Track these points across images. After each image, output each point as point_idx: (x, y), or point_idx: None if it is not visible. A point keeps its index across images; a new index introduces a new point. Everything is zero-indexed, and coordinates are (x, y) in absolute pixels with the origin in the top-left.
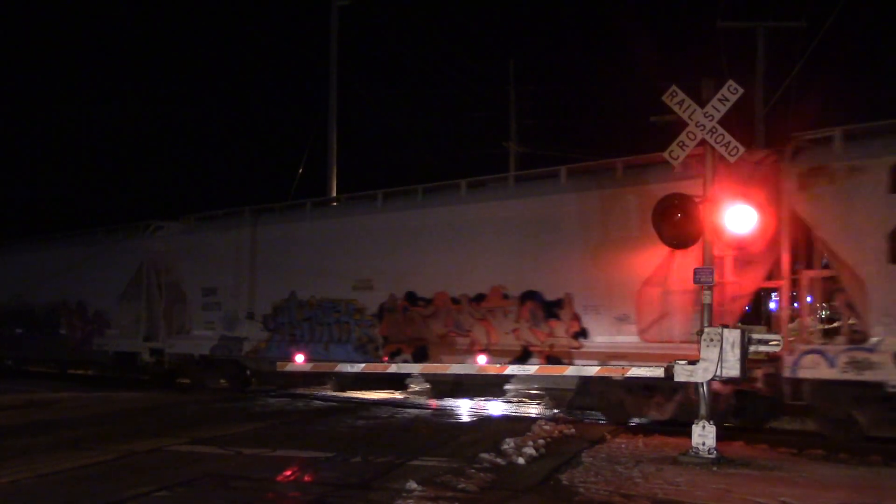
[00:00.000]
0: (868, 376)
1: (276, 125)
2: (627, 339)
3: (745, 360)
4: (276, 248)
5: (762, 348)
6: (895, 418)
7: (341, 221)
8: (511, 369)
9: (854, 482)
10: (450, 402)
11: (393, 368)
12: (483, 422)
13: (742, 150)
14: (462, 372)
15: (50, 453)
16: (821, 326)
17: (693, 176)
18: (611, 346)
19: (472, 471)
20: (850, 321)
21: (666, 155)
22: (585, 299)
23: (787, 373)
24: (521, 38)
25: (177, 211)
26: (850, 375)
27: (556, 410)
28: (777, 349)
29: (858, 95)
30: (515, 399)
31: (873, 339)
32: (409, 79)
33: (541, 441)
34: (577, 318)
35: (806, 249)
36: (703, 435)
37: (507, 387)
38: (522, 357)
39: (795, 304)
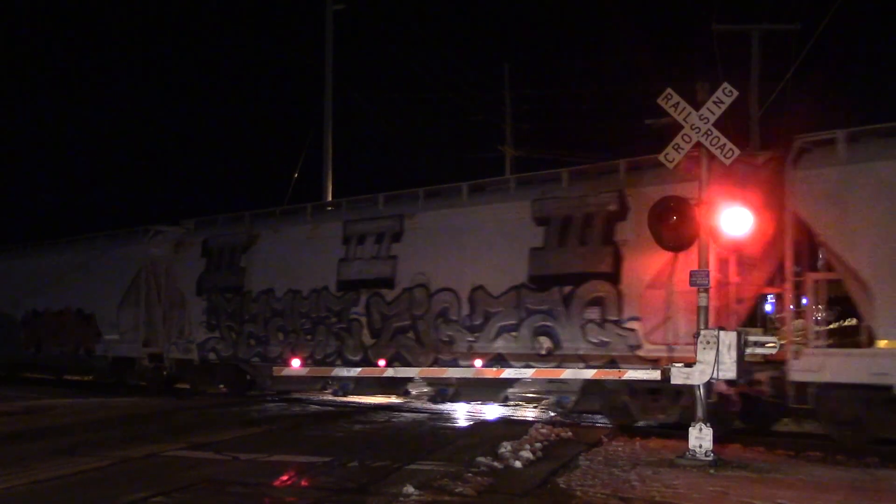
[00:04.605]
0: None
1: (271, 130)
2: (116, 336)
3: (742, 362)
4: None
5: (759, 350)
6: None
7: (11, 263)
8: (508, 373)
9: (852, 484)
10: (447, 407)
11: (390, 372)
12: (480, 426)
13: (737, 152)
14: (460, 375)
15: (46, 459)
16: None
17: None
18: (114, 341)
19: (470, 475)
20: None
21: (661, 158)
22: (103, 315)
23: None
24: (516, 41)
25: (176, 216)
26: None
27: (552, 414)
28: (773, 351)
29: (854, 97)
30: (512, 403)
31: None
32: (404, 83)
33: (538, 445)
34: (97, 326)
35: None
36: (701, 437)
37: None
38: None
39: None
